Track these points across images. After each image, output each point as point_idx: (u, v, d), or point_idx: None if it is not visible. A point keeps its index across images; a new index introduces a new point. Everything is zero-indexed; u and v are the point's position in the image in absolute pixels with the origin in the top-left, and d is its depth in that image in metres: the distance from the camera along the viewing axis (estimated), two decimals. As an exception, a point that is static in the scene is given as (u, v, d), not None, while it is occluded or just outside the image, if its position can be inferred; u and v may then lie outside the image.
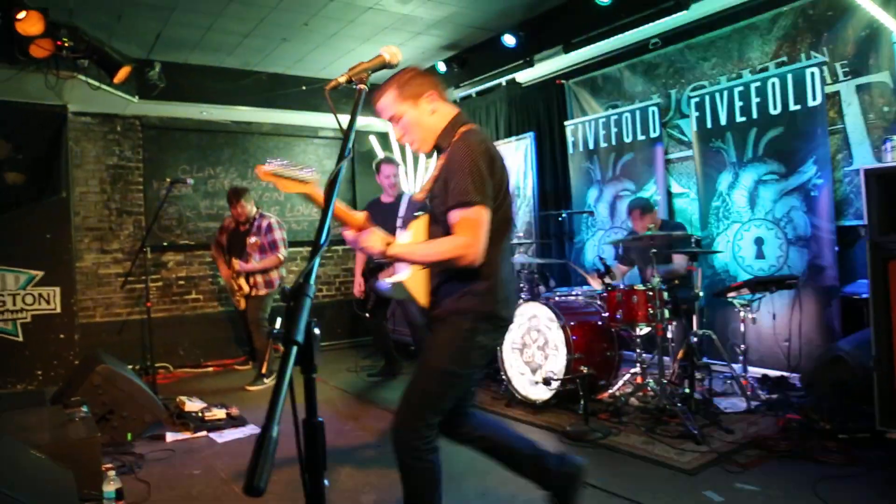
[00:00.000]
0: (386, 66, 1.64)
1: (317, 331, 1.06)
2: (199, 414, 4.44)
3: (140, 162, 6.66)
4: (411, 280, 2.19)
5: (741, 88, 4.74)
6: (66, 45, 4.59)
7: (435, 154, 2.27)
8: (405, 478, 2.21)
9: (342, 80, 1.57)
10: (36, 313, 5.53)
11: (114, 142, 6.53)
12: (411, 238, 2.19)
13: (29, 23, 4.20)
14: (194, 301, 6.94)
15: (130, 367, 5.72)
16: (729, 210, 4.91)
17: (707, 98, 4.97)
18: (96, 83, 5.10)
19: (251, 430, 4.29)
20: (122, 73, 4.98)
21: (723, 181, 4.93)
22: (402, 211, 5.01)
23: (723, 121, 4.88)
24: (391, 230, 4.89)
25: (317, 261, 1.09)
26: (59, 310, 5.62)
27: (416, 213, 2.22)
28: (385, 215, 4.98)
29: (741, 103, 4.75)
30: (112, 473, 2.96)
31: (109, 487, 2.88)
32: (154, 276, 6.66)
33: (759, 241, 4.72)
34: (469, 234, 1.99)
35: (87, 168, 6.39)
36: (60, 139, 5.85)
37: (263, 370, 5.59)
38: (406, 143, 2.25)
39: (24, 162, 5.70)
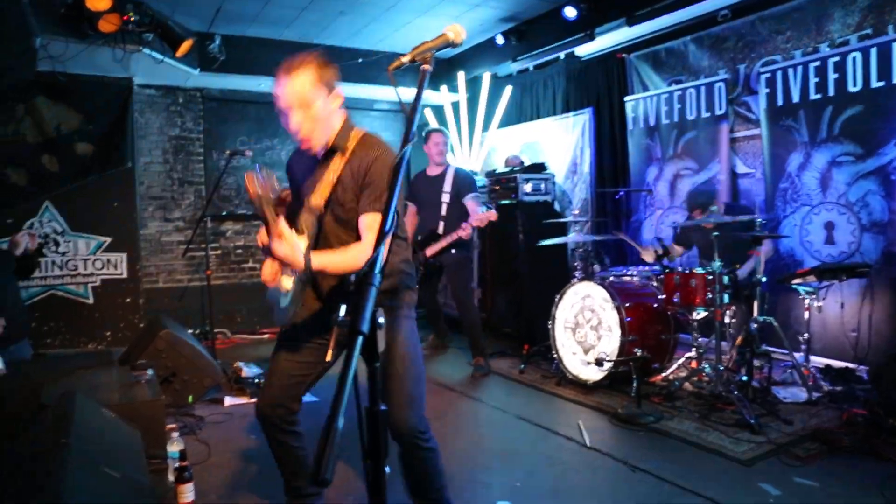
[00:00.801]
0: (450, 45, 1.59)
1: (381, 319, 1.05)
2: (256, 380, 4.57)
3: (201, 133, 6.82)
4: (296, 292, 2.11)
5: (817, 63, 4.48)
6: (132, 19, 4.70)
7: (320, 153, 2.14)
8: (416, 467, 2.22)
9: (405, 60, 1.53)
10: (105, 277, 5.79)
11: (176, 113, 6.70)
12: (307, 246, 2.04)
13: (98, -2, 4.31)
14: (251, 269, 7.12)
15: (191, 331, 5.95)
16: (798, 192, 4.69)
17: (779, 73, 4.73)
18: (160, 56, 5.21)
19: (306, 397, 4.37)
20: (185, 46, 5.08)
21: (793, 162, 4.71)
22: (447, 185, 4.92)
23: (795, 98, 4.64)
24: (436, 203, 4.92)
25: (382, 249, 1.08)
26: (125, 275, 5.87)
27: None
28: (430, 188, 4.97)
29: (817, 79, 4.49)
30: (175, 434, 3.09)
31: (174, 447, 3.01)
32: (213, 245, 6.86)
33: (829, 226, 4.50)
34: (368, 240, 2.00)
35: (150, 139, 6.58)
36: (126, 111, 6.04)
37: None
38: (301, 134, 2.04)
39: (93, 133, 5.91)
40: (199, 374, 4.17)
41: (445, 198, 4.93)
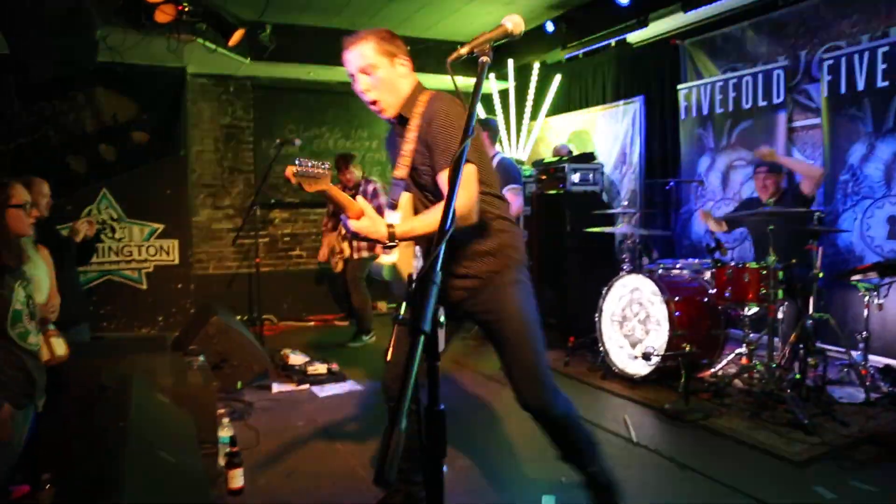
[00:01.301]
0: (508, 36, 1.57)
1: (442, 318, 1.04)
2: (302, 367, 4.66)
3: (251, 122, 6.94)
4: (401, 260, 2.11)
5: (886, 49, 4.27)
6: (187, 9, 4.79)
7: (395, 122, 2.17)
8: (557, 435, 2.26)
9: (464, 51, 1.52)
10: (158, 264, 5.97)
11: (227, 102, 6.83)
12: (401, 217, 2.09)
13: (154, -11, 4.40)
14: (298, 257, 7.24)
15: (238, 317, 6.09)
16: (860, 184, 4.50)
17: (843, 60, 4.52)
18: (213, 46, 5.31)
19: (350, 385, 4.46)
20: (237, 35, 5.16)
21: (855, 153, 4.51)
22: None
23: (860, 86, 4.43)
24: None
25: (443, 247, 1.07)
26: (177, 261, 6.03)
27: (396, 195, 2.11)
28: None
29: (884, 66, 4.28)
30: (226, 420, 3.18)
31: (224, 433, 3.09)
32: (262, 233, 6.98)
33: (892, 220, 4.31)
34: (464, 191, 1.91)
35: (202, 128, 6.73)
36: (180, 100, 6.19)
37: (363, 329, 5.78)
38: (370, 99, 2.10)
39: (147, 122, 6.08)
40: (248, 360, 4.26)
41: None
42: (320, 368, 4.66)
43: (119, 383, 2.81)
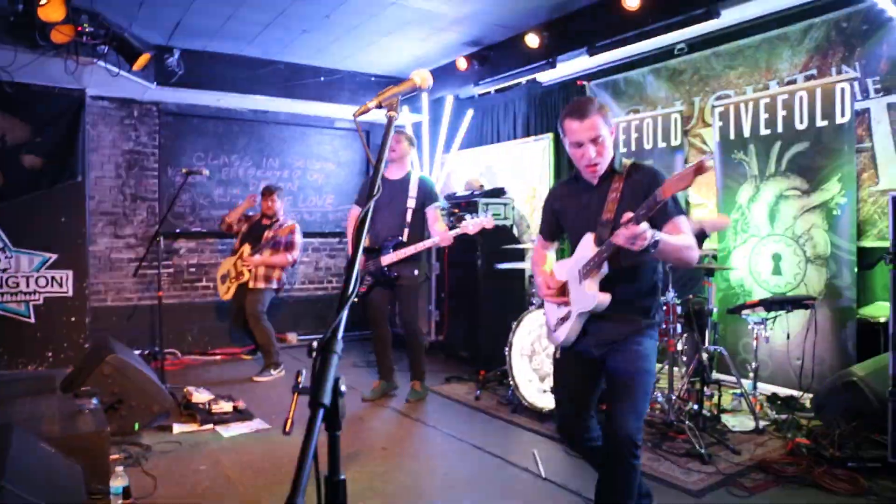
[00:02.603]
0: (416, 90, 1.59)
1: (343, 387, 1.03)
2: (206, 406, 4.45)
3: (156, 148, 6.66)
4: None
5: (767, 100, 4.65)
6: (87, 30, 4.59)
7: (597, 179, 2.46)
8: (624, 478, 2.29)
9: (371, 105, 1.52)
10: (48, 295, 5.57)
11: (130, 127, 6.54)
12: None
13: (51, 9, 4.18)
14: (204, 288, 6.96)
15: (139, 351, 5.77)
16: (747, 223, 4.84)
17: (731, 108, 4.89)
18: (115, 69, 5.08)
19: (257, 424, 4.30)
20: (142, 60, 4.97)
21: (743, 194, 4.86)
22: (412, 191, 4.71)
23: (746, 132, 4.80)
24: (400, 209, 4.69)
25: (344, 313, 1.06)
26: (71, 293, 5.66)
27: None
28: (392, 192, 4.69)
29: (766, 115, 4.66)
30: (119, 468, 2.98)
31: (117, 483, 2.89)
32: (165, 263, 6.68)
33: (776, 258, 4.65)
34: (692, 236, 2.29)
35: (102, 153, 6.40)
36: (78, 123, 5.86)
37: (269, 363, 5.61)
38: (592, 162, 2.37)
39: (41, 145, 5.71)
40: (148, 400, 4.03)
41: (411, 203, 4.71)
42: (225, 406, 4.47)
43: (-4, 434, 2.59)
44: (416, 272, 4.70)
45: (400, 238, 4.68)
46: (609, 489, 2.34)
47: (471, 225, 4.47)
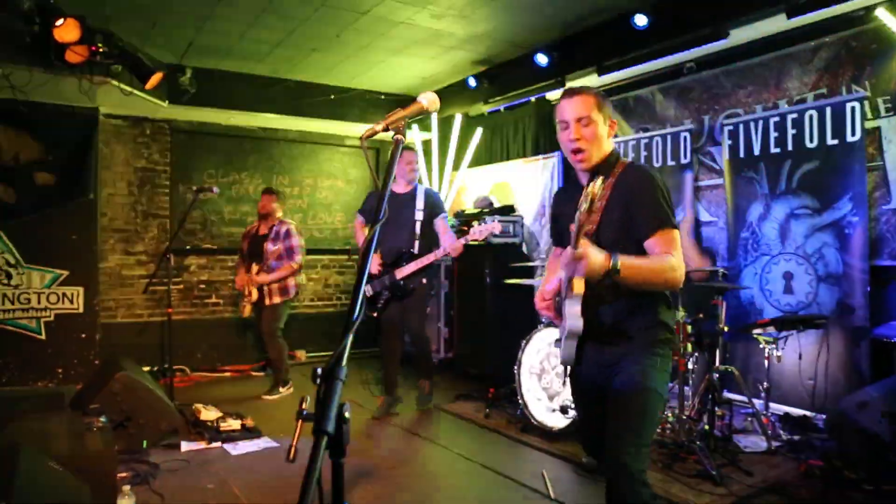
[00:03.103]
0: (423, 112, 1.59)
1: (347, 414, 1.02)
2: (215, 423, 4.45)
3: (167, 165, 6.73)
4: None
5: (777, 119, 4.65)
6: (101, 50, 4.64)
7: (587, 177, 2.24)
8: None
9: (378, 128, 1.53)
10: (59, 312, 5.59)
11: (143, 145, 6.61)
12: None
13: (66, 30, 4.25)
14: (214, 305, 6.98)
15: (148, 368, 5.77)
16: (758, 242, 4.81)
17: (741, 126, 4.88)
18: (128, 88, 5.15)
19: (265, 442, 4.29)
20: (154, 79, 5.03)
21: (753, 212, 4.84)
22: (420, 204, 4.82)
23: (756, 151, 4.78)
24: (409, 223, 4.80)
25: (349, 339, 1.06)
26: (81, 310, 5.67)
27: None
28: (400, 206, 4.79)
29: (776, 134, 4.65)
30: (127, 488, 2.98)
31: (124, 502, 2.89)
32: (176, 279, 6.71)
33: (787, 276, 4.62)
34: (678, 254, 2.02)
35: (115, 170, 6.47)
36: (90, 141, 5.92)
37: (279, 381, 5.60)
38: (574, 147, 2.18)
39: (54, 163, 5.78)
40: (156, 418, 4.03)
41: (419, 216, 4.80)
42: (234, 424, 4.46)
43: (5, 451, 2.59)
44: (424, 281, 4.81)
45: (412, 250, 4.77)
46: None
47: (478, 231, 4.58)
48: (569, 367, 2.25)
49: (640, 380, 2.07)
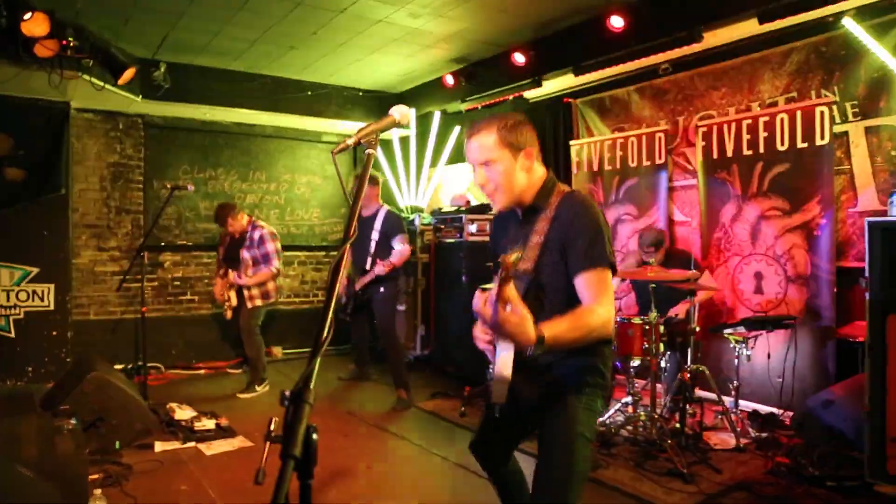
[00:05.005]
0: (396, 125, 1.59)
1: (315, 436, 1.03)
2: (189, 423, 4.42)
3: (141, 161, 6.63)
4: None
5: (749, 121, 4.72)
6: (71, 44, 4.56)
7: (518, 212, 2.10)
8: None
9: (351, 142, 1.52)
10: (29, 310, 5.51)
11: (115, 139, 6.50)
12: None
13: (34, 24, 4.17)
14: (189, 302, 6.92)
15: (122, 366, 5.72)
16: (730, 242, 4.89)
17: (714, 128, 4.95)
18: (100, 83, 5.06)
19: (240, 442, 4.28)
20: (127, 74, 4.96)
21: (726, 213, 4.91)
22: (377, 225, 5.21)
23: (729, 152, 4.86)
24: (366, 242, 5.21)
25: (317, 361, 1.06)
26: (52, 307, 5.60)
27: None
28: (362, 227, 5.21)
29: (749, 136, 4.72)
30: (98, 491, 2.95)
31: (95, 506, 2.86)
32: (150, 276, 6.63)
33: (758, 276, 4.71)
34: (607, 299, 1.84)
35: (87, 165, 6.36)
36: (62, 135, 5.82)
37: (255, 378, 5.58)
38: (486, 191, 2.03)
39: (24, 158, 5.67)
40: (129, 418, 4.00)
41: (374, 236, 5.23)
42: (208, 424, 4.43)
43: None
44: (381, 290, 5.24)
45: (365, 267, 5.27)
46: None
47: (380, 267, 5.06)
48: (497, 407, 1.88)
49: (571, 426, 1.93)
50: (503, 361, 1.80)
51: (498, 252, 2.01)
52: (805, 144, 4.38)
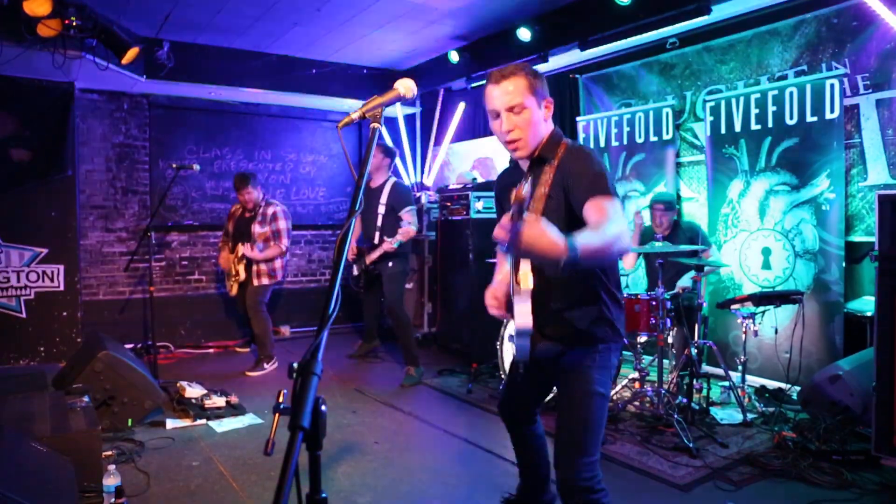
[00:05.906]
0: (400, 99, 1.58)
1: (324, 408, 1.03)
2: (199, 401, 4.47)
3: (146, 141, 6.63)
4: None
5: (758, 95, 4.66)
6: (74, 24, 4.53)
7: (527, 163, 2.10)
8: None
9: (355, 116, 1.51)
10: (40, 290, 5.56)
11: (120, 120, 6.50)
12: (522, 271, 1.86)
13: (36, 3, 4.14)
14: (197, 281, 6.95)
15: (131, 345, 5.77)
16: (738, 218, 4.86)
17: (723, 103, 4.90)
18: (104, 63, 5.03)
19: (250, 419, 4.32)
20: (131, 53, 4.92)
21: (733, 188, 4.88)
22: (383, 197, 5.19)
23: (737, 127, 4.81)
24: (373, 214, 5.16)
25: (325, 335, 1.06)
26: (62, 287, 5.65)
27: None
28: (370, 199, 5.22)
29: (757, 111, 4.67)
30: (112, 467, 2.99)
31: (109, 482, 2.90)
32: (157, 256, 6.67)
33: (766, 252, 4.69)
34: (620, 218, 1.75)
35: (93, 146, 6.36)
36: (67, 116, 5.81)
37: (263, 356, 5.62)
38: (509, 138, 2.00)
39: (30, 139, 5.67)
40: (140, 396, 4.04)
41: (381, 209, 5.19)
42: (218, 401, 4.48)
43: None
44: (390, 264, 5.20)
45: (373, 241, 5.23)
46: None
47: (388, 244, 5.07)
48: (522, 364, 2.03)
49: (585, 385, 2.02)
50: (521, 313, 1.85)
51: (507, 207, 1.86)
52: (814, 118, 4.33)
